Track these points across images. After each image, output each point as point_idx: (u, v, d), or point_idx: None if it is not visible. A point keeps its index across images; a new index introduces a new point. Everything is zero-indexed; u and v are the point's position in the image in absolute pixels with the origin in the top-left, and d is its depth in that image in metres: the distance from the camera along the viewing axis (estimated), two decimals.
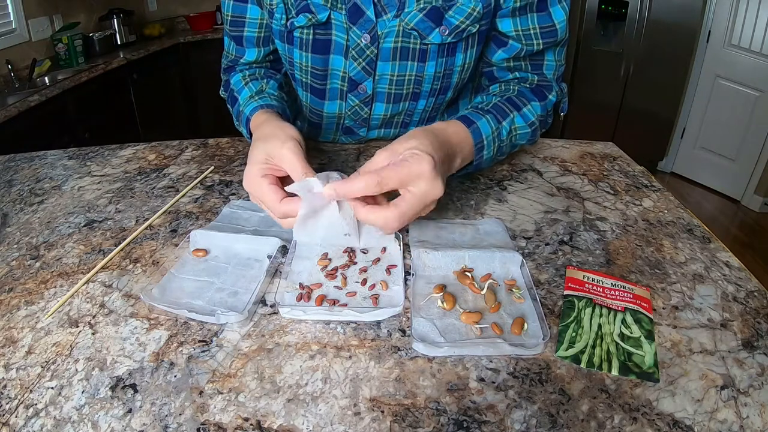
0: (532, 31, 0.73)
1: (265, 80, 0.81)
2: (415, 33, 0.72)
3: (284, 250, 0.59)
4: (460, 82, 0.81)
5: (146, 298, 0.51)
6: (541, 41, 0.73)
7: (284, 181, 0.59)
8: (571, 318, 0.49)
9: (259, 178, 0.57)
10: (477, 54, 0.78)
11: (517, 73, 0.79)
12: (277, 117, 0.69)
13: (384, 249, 0.60)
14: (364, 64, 0.76)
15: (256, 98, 0.75)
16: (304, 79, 0.82)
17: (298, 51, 0.77)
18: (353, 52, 0.75)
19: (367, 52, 0.75)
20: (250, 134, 0.73)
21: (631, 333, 0.48)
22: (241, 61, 0.85)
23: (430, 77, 0.78)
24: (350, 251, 0.59)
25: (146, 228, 0.66)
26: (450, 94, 0.82)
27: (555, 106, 0.79)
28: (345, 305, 0.51)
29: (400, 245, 0.60)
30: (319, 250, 0.59)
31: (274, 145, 0.57)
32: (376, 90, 0.80)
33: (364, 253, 0.59)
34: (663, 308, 0.52)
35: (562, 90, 0.80)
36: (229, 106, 0.85)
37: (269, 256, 0.58)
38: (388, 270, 0.56)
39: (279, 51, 0.82)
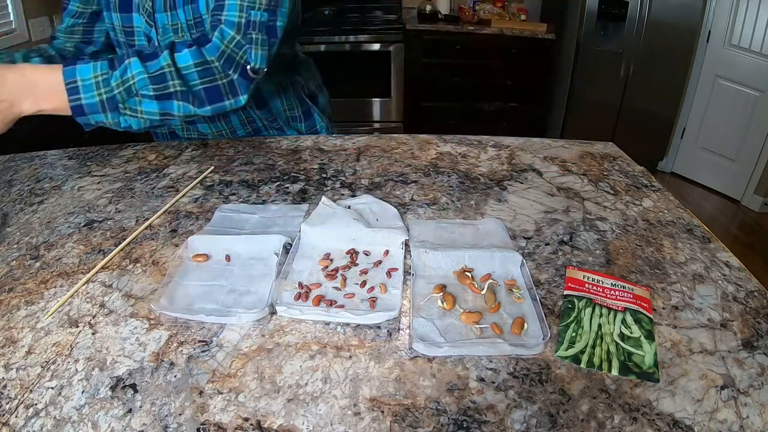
0: None
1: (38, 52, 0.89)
2: None
3: (285, 250, 0.59)
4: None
5: (158, 308, 0.51)
6: None
7: None
8: (571, 318, 0.49)
9: None
10: None
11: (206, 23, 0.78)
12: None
13: (387, 252, 0.60)
14: (145, 17, 0.81)
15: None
16: (129, 42, 0.86)
17: (112, 13, 0.84)
18: (141, 8, 0.82)
19: (146, 6, 0.80)
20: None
21: (631, 333, 0.48)
22: (59, 28, 0.93)
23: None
24: (353, 252, 0.59)
25: (146, 228, 0.66)
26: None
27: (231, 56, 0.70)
28: (342, 306, 0.51)
29: (403, 248, 0.60)
30: (322, 250, 0.59)
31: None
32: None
33: (367, 255, 0.59)
34: (663, 308, 0.52)
35: (247, 36, 0.70)
36: None
37: (276, 254, 0.58)
38: (388, 273, 0.56)
39: (106, 23, 0.88)
